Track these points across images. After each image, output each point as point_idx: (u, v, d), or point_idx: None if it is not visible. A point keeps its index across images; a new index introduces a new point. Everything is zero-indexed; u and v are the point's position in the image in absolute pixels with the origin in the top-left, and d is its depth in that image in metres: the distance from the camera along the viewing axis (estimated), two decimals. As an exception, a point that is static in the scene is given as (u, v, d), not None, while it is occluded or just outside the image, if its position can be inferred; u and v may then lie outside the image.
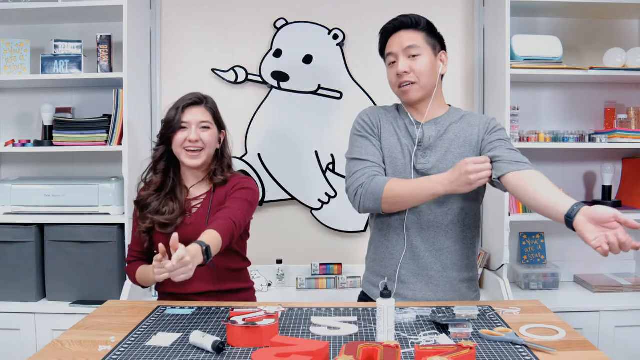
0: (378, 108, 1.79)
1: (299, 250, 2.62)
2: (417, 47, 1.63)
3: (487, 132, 1.66)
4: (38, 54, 2.46)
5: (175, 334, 1.38)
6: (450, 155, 1.65)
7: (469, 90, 2.63)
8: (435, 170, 1.63)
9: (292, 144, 2.64)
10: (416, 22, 1.66)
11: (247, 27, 2.62)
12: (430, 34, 1.67)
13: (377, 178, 1.60)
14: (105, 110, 2.48)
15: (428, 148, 1.66)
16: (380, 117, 1.73)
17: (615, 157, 2.63)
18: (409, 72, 1.64)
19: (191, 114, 1.74)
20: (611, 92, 2.64)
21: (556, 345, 1.27)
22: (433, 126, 1.68)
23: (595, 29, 2.64)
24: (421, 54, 1.64)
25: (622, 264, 2.67)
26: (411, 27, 1.66)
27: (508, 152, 1.58)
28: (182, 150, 1.72)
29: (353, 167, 1.67)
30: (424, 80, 1.64)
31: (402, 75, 1.64)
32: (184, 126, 1.72)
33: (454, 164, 1.56)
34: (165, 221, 1.70)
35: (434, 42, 1.67)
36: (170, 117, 1.73)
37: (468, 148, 1.65)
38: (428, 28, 1.67)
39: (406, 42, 1.64)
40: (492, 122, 1.69)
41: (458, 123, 1.68)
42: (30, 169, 2.67)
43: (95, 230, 2.32)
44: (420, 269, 1.66)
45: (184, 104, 1.74)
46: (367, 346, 1.16)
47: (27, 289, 2.33)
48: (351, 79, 2.62)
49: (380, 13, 2.59)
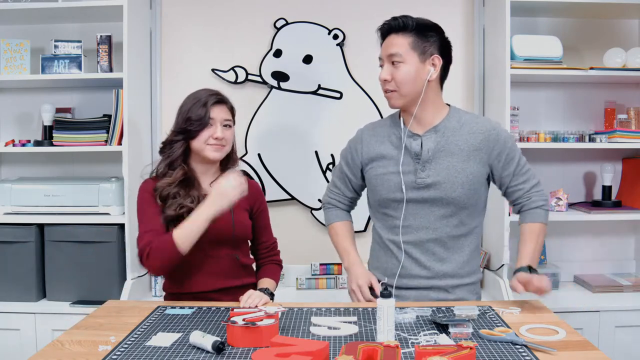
0: (372, 128, 1.78)
1: (299, 250, 2.62)
2: (399, 55, 1.60)
3: (498, 154, 1.65)
4: (38, 54, 2.46)
5: (175, 334, 1.38)
6: (453, 170, 1.63)
7: (469, 90, 2.63)
8: (436, 185, 1.63)
9: (292, 144, 2.64)
10: (404, 25, 1.61)
11: (247, 27, 2.62)
12: (421, 37, 1.61)
13: (330, 211, 1.89)
14: (105, 110, 2.48)
15: (427, 161, 1.64)
16: (370, 143, 1.73)
17: (615, 157, 2.63)
18: (389, 80, 1.62)
19: (217, 112, 1.74)
20: (611, 92, 2.64)
21: (556, 345, 1.27)
22: (433, 135, 1.65)
23: (595, 29, 2.64)
24: (403, 61, 1.60)
25: (622, 264, 2.68)
26: (398, 30, 1.62)
27: (523, 187, 1.70)
28: (206, 146, 1.73)
29: (330, 180, 1.93)
30: (404, 89, 1.61)
31: (384, 82, 1.64)
32: (210, 123, 1.72)
33: (457, 178, 1.61)
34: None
35: (424, 46, 1.61)
36: (200, 114, 1.71)
37: (473, 163, 1.64)
38: (418, 31, 1.61)
39: (390, 48, 1.62)
40: (500, 139, 1.65)
41: (459, 131, 1.65)
42: (30, 169, 2.67)
43: (95, 230, 2.32)
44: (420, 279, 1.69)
45: (212, 101, 1.73)
46: (367, 346, 1.16)
47: (27, 289, 2.33)
48: (351, 79, 2.62)
49: (380, 13, 2.58)
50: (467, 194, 1.64)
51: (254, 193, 1.84)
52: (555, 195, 2.48)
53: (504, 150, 1.66)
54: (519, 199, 1.72)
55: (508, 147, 1.67)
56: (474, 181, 1.64)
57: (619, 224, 2.66)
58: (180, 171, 1.73)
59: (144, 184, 1.77)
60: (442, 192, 1.63)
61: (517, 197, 1.72)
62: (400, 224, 1.67)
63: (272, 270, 1.89)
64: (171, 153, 1.74)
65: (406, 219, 1.67)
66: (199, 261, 1.71)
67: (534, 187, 1.71)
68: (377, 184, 1.71)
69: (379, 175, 1.70)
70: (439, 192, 1.63)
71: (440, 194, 1.63)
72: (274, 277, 1.87)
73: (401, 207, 1.66)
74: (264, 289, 1.74)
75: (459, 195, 1.63)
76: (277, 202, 2.65)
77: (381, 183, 1.69)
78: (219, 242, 1.72)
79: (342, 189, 1.86)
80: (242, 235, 1.79)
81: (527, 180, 1.71)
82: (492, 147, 1.65)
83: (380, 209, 1.73)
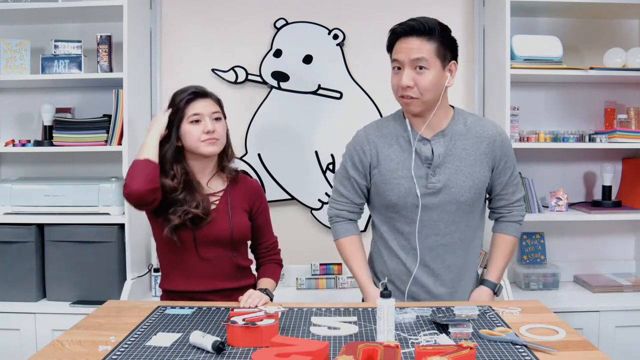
0: (376, 128, 1.71)
1: (299, 250, 2.62)
2: (425, 61, 1.53)
3: (500, 160, 1.67)
4: (38, 54, 2.46)
5: (175, 334, 1.38)
6: (461, 175, 1.62)
7: (469, 90, 2.63)
8: (446, 190, 1.62)
9: (292, 144, 2.64)
10: (429, 29, 1.53)
11: (247, 27, 2.62)
12: (443, 43, 1.55)
13: (337, 225, 1.77)
14: (105, 110, 2.48)
15: (438, 166, 1.62)
16: (377, 144, 1.68)
17: (615, 157, 2.63)
18: (412, 87, 1.55)
19: (201, 106, 1.70)
20: (611, 92, 2.64)
21: (556, 345, 1.27)
22: (441, 139, 1.63)
23: (595, 29, 2.64)
24: (428, 68, 1.53)
25: (622, 264, 2.68)
26: (423, 34, 1.53)
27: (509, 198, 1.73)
28: (200, 143, 1.68)
29: (333, 190, 1.80)
30: (426, 96, 1.56)
31: (405, 88, 1.56)
32: (197, 119, 1.69)
33: (465, 183, 1.62)
34: (202, 214, 1.66)
35: (445, 53, 1.56)
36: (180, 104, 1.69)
37: (479, 167, 1.64)
38: (442, 36, 1.55)
39: (415, 53, 1.53)
40: (505, 146, 1.67)
41: (465, 136, 1.64)
42: (30, 169, 2.67)
43: (95, 230, 2.32)
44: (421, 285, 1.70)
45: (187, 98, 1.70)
46: (367, 346, 1.16)
47: (27, 289, 2.33)
48: (351, 79, 2.62)
49: (380, 13, 2.60)
50: (474, 198, 1.65)
51: (253, 193, 1.83)
52: (555, 195, 2.48)
53: (505, 157, 1.68)
54: (501, 208, 1.76)
55: (509, 156, 1.70)
56: (479, 185, 1.65)
57: (619, 224, 2.66)
58: (176, 181, 1.68)
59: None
60: (451, 196, 1.62)
61: (500, 205, 1.76)
62: (415, 229, 1.65)
63: (271, 270, 1.88)
64: (163, 152, 1.69)
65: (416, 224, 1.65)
66: (196, 263, 1.71)
67: (518, 200, 1.75)
68: (386, 189, 1.66)
69: (388, 179, 1.65)
70: (448, 197, 1.62)
71: (449, 198, 1.62)
72: (274, 276, 1.85)
73: (412, 212, 1.64)
74: (263, 289, 1.72)
75: (467, 199, 1.63)
76: (277, 202, 2.64)
77: (391, 188, 1.65)
78: (217, 244, 1.72)
79: (351, 197, 1.74)
80: (240, 238, 1.77)
81: (515, 192, 1.74)
82: (497, 153, 1.66)
83: (387, 212, 1.69)
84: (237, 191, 1.79)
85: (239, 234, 1.75)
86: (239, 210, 1.77)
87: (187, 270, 1.72)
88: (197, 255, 1.70)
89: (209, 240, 1.69)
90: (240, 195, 1.79)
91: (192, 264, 1.71)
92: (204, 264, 1.71)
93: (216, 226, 1.69)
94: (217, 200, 1.75)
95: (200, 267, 1.71)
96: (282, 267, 1.94)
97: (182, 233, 1.68)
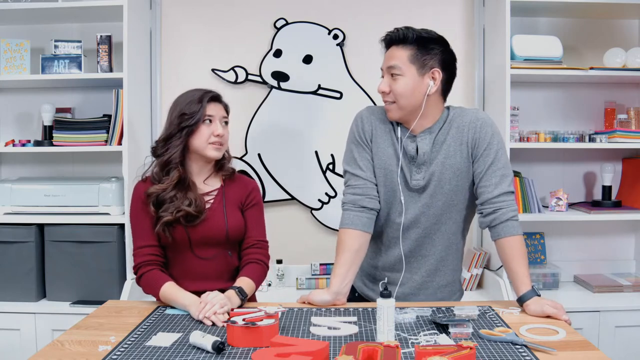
0: (377, 112, 1.72)
1: (299, 250, 2.62)
2: (398, 68, 1.57)
3: (476, 145, 1.61)
4: (38, 54, 2.46)
5: (175, 334, 1.38)
6: (441, 167, 1.62)
7: (469, 90, 2.63)
8: (430, 187, 1.63)
9: (292, 144, 2.64)
10: (404, 37, 1.58)
11: (247, 27, 2.62)
12: (421, 50, 1.57)
13: (345, 213, 1.66)
14: (105, 110, 2.48)
15: (423, 164, 1.63)
16: (375, 125, 1.69)
17: (615, 157, 2.64)
18: (387, 92, 1.60)
19: (215, 109, 1.73)
20: (611, 92, 2.64)
21: (556, 345, 1.27)
22: (427, 136, 1.63)
23: (595, 29, 2.65)
24: (402, 74, 1.57)
25: (622, 264, 2.68)
26: (397, 42, 1.59)
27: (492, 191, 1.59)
28: (207, 145, 1.70)
29: (345, 179, 1.72)
30: (402, 102, 1.58)
31: (382, 94, 1.63)
32: (209, 120, 1.71)
33: (446, 176, 1.61)
34: (194, 212, 1.66)
35: (424, 59, 1.57)
36: (194, 109, 1.68)
37: (459, 158, 1.62)
38: (418, 44, 1.57)
39: (389, 60, 1.60)
40: (483, 130, 1.61)
41: (449, 130, 1.63)
42: (30, 169, 2.67)
43: (95, 230, 2.32)
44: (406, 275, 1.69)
45: (207, 97, 1.71)
46: (367, 346, 1.16)
47: (27, 289, 2.33)
48: (351, 79, 2.62)
49: (380, 13, 2.60)
50: (455, 190, 1.63)
51: (247, 188, 1.80)
52: (555, 195, 2.48)
53: (484, 143, 1.60)
54: (484, 204, 1.60)
55: (489, 142, 1.60)
56: (461, 177, 1.63)
57: (619, 224, 2.66)
58: (175, 174, 1.68)
59: (136, 190, 1.74)
60: (432, 190, 1.63)
61: (484, 200, 1.60)
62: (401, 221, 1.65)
63: (251, 269, 1.73)
64: (168, 153, 1.69)
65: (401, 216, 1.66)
66: (192, 262, 1.71)
67: (503, 194, 1.58)
68: (377, 175, 1.68)
69: (379, 168, 1.67)
70: (430, 190, 1.63)
71: (431, 191, 1.63)
72: (253, 275, 1.71)
73: (397, 205, 1.66)
74: (237, 287, 1.63)
75: (448, 191, 1.63)
76: (277, 202, 2.65)
77: (379, 177, 1.67)
78: (213, 243, 1.71)
79: (366, 175, 1.66)
80: (235, 236, 1.75)
81: (498, 185, 1.58)
82: (475, 137, 1.61)
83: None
84: (232, 190, 1.78)
85: (235, 232, 1.74)
86: (234, 208, 1.76)
87: (184, 270, 1.72)
88: (193, 255, 1.70)
89: (204, 239, 1.69)
90: (235, 193, 1.78)
91: (188, 264, 1.71)
92: (201, 264, 1.71)
93: (211, 225, 1.69)
94: (211, 199, 1.75)
95: (197, 266, 1.71)
96: (266, 268, 1.78)
97: (177, 232, 1.68)
